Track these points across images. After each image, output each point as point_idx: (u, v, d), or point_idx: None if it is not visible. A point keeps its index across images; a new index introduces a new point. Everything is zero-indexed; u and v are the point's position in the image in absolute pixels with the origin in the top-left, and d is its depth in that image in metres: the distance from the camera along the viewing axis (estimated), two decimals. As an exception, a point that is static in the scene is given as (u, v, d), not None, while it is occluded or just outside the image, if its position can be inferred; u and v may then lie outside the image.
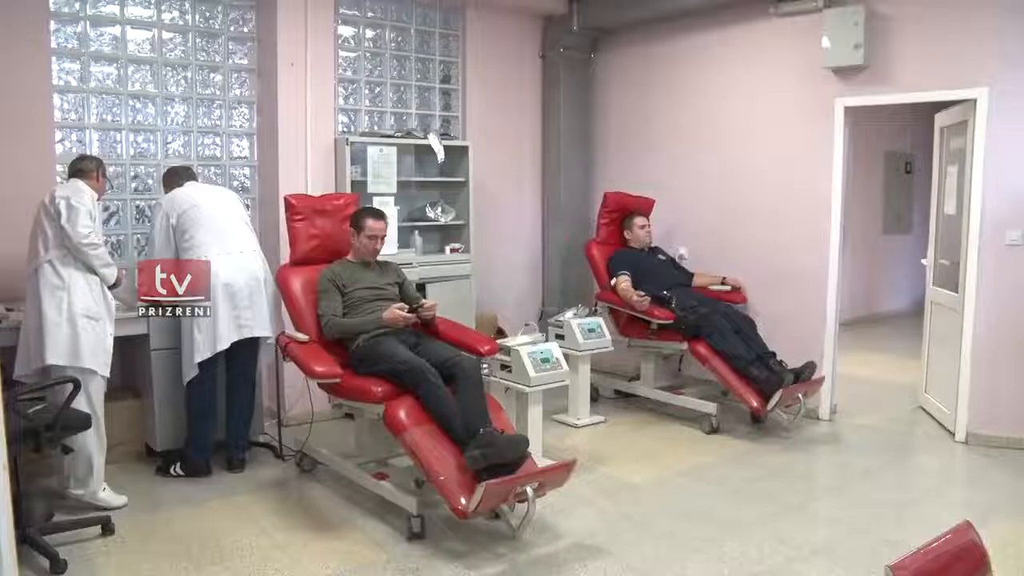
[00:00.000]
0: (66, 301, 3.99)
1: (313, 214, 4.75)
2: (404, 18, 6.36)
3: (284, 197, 4.83)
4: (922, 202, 8.13)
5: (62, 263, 4.02)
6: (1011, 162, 5.13)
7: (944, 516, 3.61)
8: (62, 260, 4.02)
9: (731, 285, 6.18)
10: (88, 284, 4.07)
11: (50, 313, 3.97)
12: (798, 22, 5.82)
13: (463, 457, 3.70)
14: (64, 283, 4.00)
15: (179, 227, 4.56)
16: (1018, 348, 5.20)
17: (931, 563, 2.55)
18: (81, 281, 4.04)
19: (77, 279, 4.03)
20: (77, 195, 4.05)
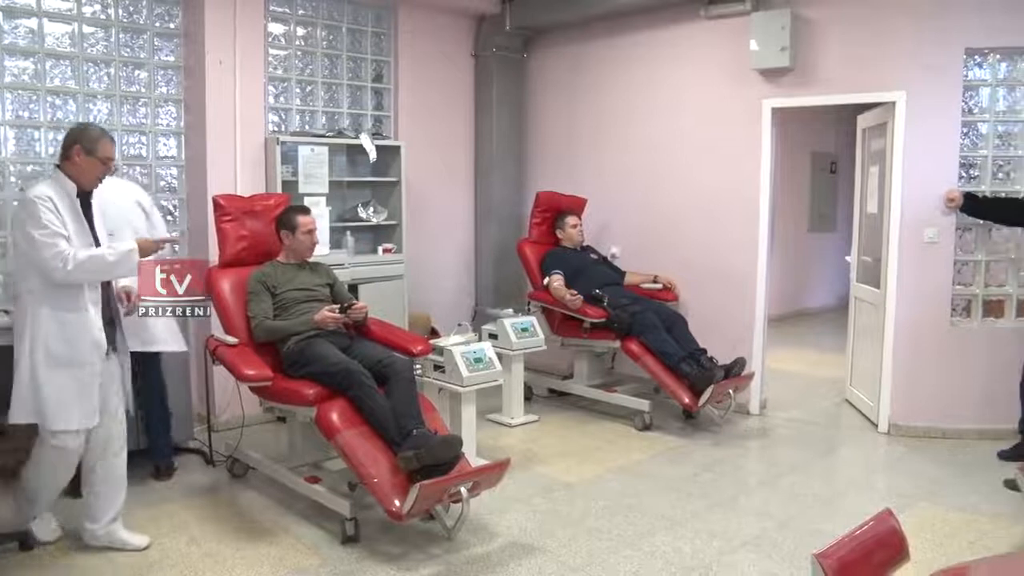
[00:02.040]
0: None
1: (243, 215, 4.66)
2: (335, 16, 6.28)
3: (212, 197, 4.73)
4: (846, 201, 8.36)
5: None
6: (927, 163, 5.30)
7: (867, 505, 3.71)
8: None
9: (663, 283, 6.26)
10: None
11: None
12: (727, 24, 5.92)
13: (397, 459, 3.68)
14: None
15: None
16: (936, 341, 5.38)
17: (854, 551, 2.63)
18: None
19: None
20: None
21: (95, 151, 3.51)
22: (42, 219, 3.35)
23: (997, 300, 5.45)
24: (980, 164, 5.37)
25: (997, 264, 5.44)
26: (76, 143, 3.50)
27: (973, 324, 5.44)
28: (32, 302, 3.45)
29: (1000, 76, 5.34)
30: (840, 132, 10.60)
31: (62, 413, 3.46)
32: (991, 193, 5.32)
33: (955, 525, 4.03)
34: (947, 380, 5.37)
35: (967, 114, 5.33)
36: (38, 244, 3.34)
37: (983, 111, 5.35)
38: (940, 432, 5.40)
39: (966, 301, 5.45)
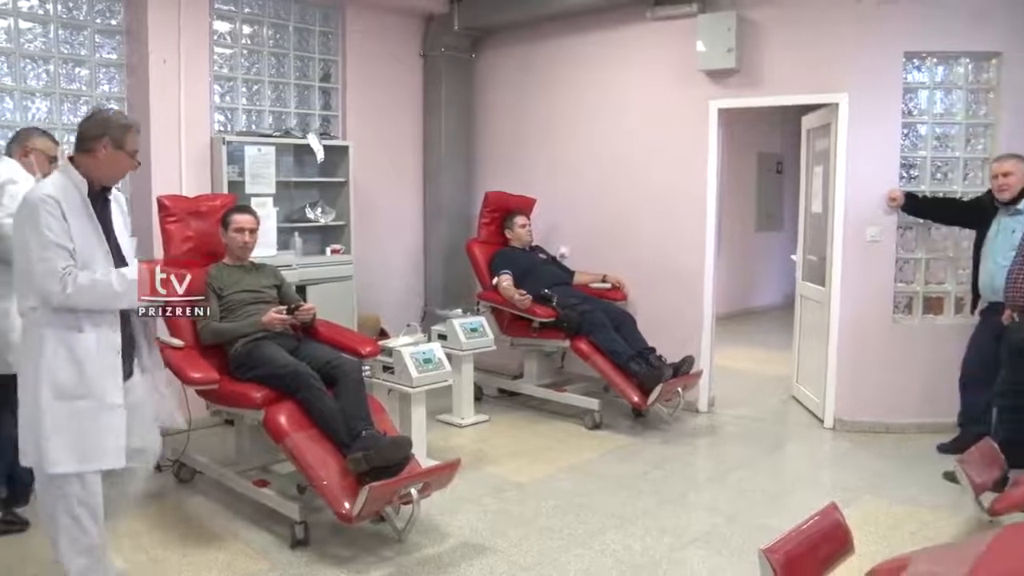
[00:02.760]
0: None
1: (188, 215, 4.59)
2: (282, 15, 6.21)
3: (157, 198, 4.65)
4: (792, 201, 8.47)
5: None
6: (869, 163, 5.41)
7: (813, 500, 3.76)
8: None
9: (611, 283, 6.29)
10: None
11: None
12: (674, 26, 5.97)
13: (346, 461, 3.65)
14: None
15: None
16: (879, 338, 5.49)
17: (800, 545, 2.67)
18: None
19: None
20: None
21: (124, 144, 3.01)
22: (42, 225, 2.81)
23: (937, 297, 5.58)
24: (920, 165, 5.50)
25: (936, 262, 5.58)
26: (104, 134, 2.96)
27: (914, 321, 5.56)
28: (34, 322, 2.91)
29: (937, 79, 5.48)
30: (786, 133, 10.75)
31: (64, 454, 2.89)
32: (930, 193, 5.44)
33: (898, 517, 4.12)
34: (890, 376, 5.48)
35: (907, 116, 5.45)
36: (33, 257, 2.83)
37: (922, 113, 5.48)
38: (884, 427, 5.51)
39: (908, 298, 5.58)
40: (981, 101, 5.48)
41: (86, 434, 2.91)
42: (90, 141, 2.98)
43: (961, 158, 5.49)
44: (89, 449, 2.92)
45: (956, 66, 5.45)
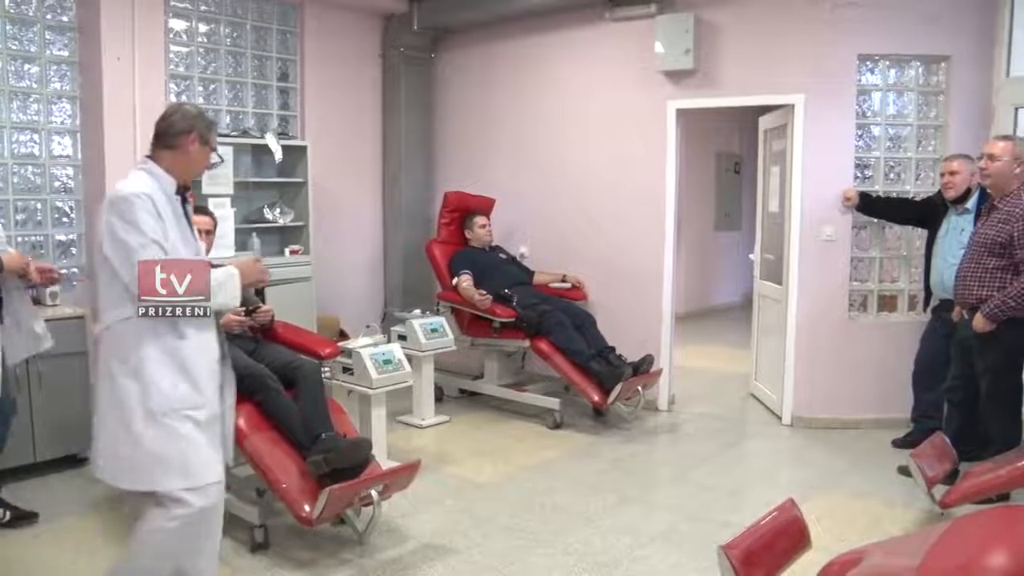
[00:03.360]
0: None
1: (143, 216, 4.51)
2: (239, 13, 6.14)
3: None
4: (750, 200, 8.57)
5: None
6: (825, 163, 5.49)
7: (772, 496, 3.80)
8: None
9: (571, 282, 6.32)
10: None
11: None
12: (632, 27, 6.01)
13: (306, 463, 3.62)
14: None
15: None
16: (835, 336, 5.57)
17: (758, 540, 2.70)
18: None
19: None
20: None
21: (210, 140, 2.90)
22: (139, 222, 2.64)
23: (891, 295, 5.68)
24: (873, 165, 5.59)
25: (890, 261, 5.68)
26: (193, 129, 2.84)
27: (869, 318, 5.66)
28: (130, 332, 2.70)
29: (890, 82, 5.57)
30: (744, 133, 10.88)
31: (192, 468, 2.73)
32: (884, 193, 5.54)
33: (854, 512, 4.19)
34: (846, 373, 5.57)
35: (861, 117, 5.54)
36: (134, 256, 2.62)
37: (875, 114, 5.58)
38: (840, 423, 5.59)
39: (862, 296, 5.67)
40: (932, 103, 5.59)
41: (201, 447, 2.76)
42: (177, 136, 2.84)
43: (913, 159, 5.60)
44: (201, 463, 2.76)
45: (908, 69, 5.55)
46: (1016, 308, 4.02)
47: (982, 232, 4.24)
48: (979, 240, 4.24)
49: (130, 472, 2.73)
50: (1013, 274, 4.06)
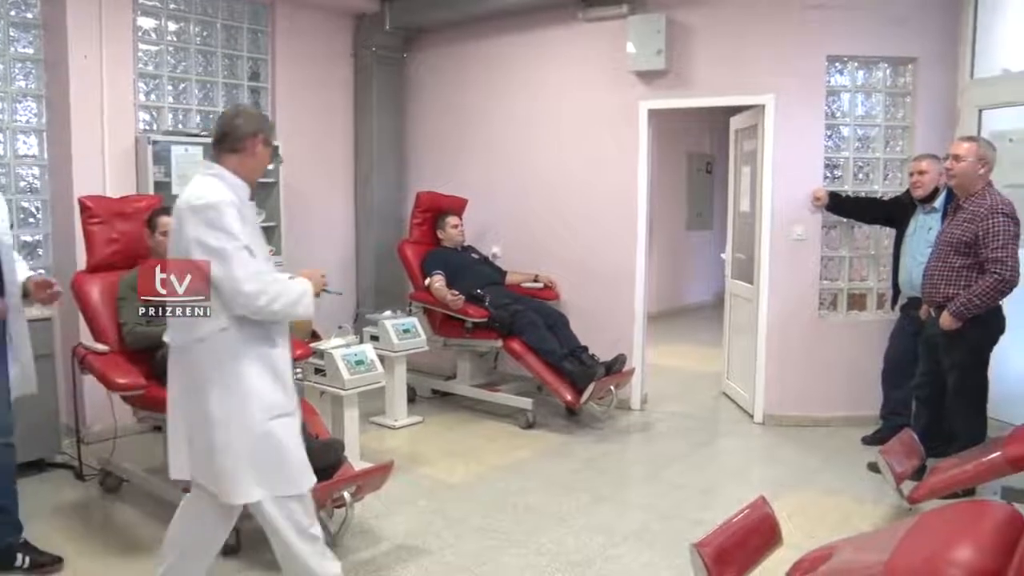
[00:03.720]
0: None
1: (112, 217, 4.45)
2: (209, 12, 6.09)
3: (79, 199, 4.50)
4: (721, 200, 8.63)
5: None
6: (795, 163, 5.54)
7: (744, 493, 3.82)
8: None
9: (544, 282, 6.32)
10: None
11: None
12: (604, 27, 6.03)
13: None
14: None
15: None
16: (805, 334, 5.62)
17: (730, 538, 2.72)
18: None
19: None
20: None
21: (271, 140, 2.90)
22: (229, 227, 2.61)
23: (860, 294, 5.74)
24: (843, 165, 5.65)
25: (859, 260, 5.74)
26: (259, 131, 2.82)
27: (839, 317, 5.71)
28: (228, 342, 2.69)
29: (859, 83, 5.63)
30: (715, 134, 10.95)
31: (296, 474, 2.82)
32: (853, 193, 5.59)
33: (824, 508, 4.23)
34: (816, 371, 5.62)
35: (830, 118, 5.59)
36: (234, 262, 2.61)
37: (844, 115, 5.64)
38: (811, 420, 5.63)
39: (832, 295, 5.72)
40: (899, 104, 5.66)
41: (300, 452, 2.84)
42: (245, 139, 2.81)
43: (881, 159, 5.66)
44: (299, 469, 2.84)
45: (876, 70, 5.62)
46: (981, 306, 4.09)
47: (948, 231, 4.30)
48: (945, 239, 4.30)
49: (234, 484, 2.74)
50: (978, 273, 4.12)
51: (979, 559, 2.23)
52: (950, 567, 2.22)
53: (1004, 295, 4.10)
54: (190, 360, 2.76)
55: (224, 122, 2.86)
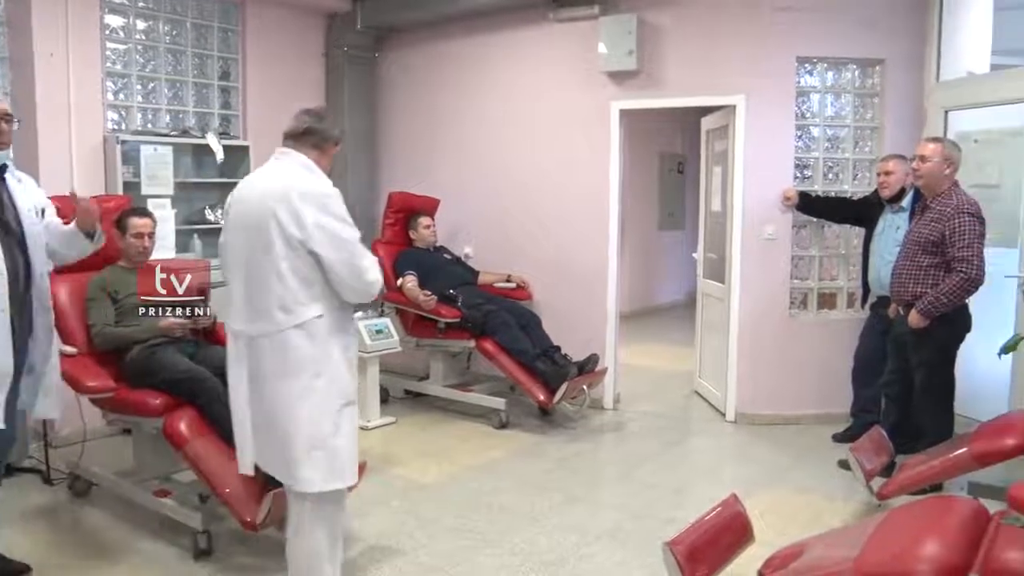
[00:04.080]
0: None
1: (79, 218, 4.40)
2: (179, 10, 6.03)
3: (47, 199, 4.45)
4: (693, 200, 8.68)
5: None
6: (766, 163, 5.58)
7: (716, 492, 3.86)
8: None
9: (516, 282, 6.33)
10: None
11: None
12: (576, 28, 6.04)
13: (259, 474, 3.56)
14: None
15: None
16: (776, 333, 5.67)
17: (703, 536, 2.74)
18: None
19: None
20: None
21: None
22: (346, 216, 2.80)
23: (830, 293, 5.80)
24: (813, 165, 5.70)
25: (829, 259, 5.80)
26: (338, 140, 3.07)
27: (810, 316, 5.77)
28: (323, 329, 2.79)
29: (828, 84, 5.69)
30: (687, 134, 11.01)
31: (351, 464, 2.91)
32: (823, 192, 5.65)
33: (795, 506, 4.26)
34: (787, 369, 5.67)
35: (800, 118, 5.65)
36: (359, 250, 2.79)
37: (814, 116, 5.69)
38: (782, 419, 5.68)
39: (803, 294, 5.78)
40: (868, 105, 5.72)
41: (355, 442, 2.94)
42: (328, 141, 2.99)
43: (850, 159, 5.72)
44: (355, 459, 2.96)
45: (845, 71, 5.68)
46: (948, 305, 4.14)
47: (916, 231, 4.36)
48: (913, 239, 4.36)
49: (329, 473, 2.83)
50: (946, 272, 4.18)
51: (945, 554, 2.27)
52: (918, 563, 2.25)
53: (970, 294, 4.17)
54: (276, 347, 2.80)
55: (313, 118, 3.00)
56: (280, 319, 2.78)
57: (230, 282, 2.97)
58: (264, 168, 3.02)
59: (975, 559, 2.24)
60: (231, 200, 3.03)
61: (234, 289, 2.93)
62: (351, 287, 2.79)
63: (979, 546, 2.32)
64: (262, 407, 2.87)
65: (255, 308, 2.82)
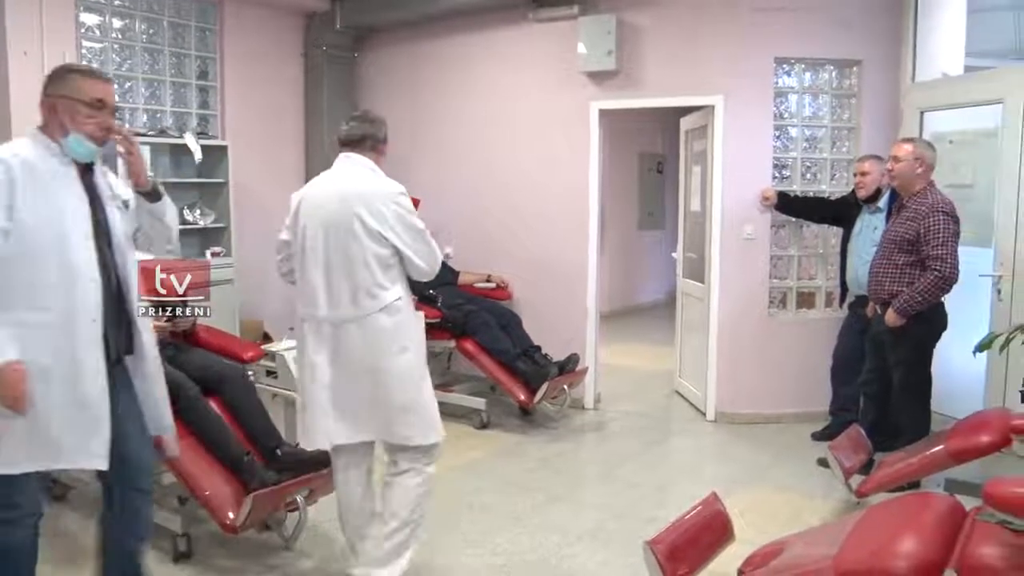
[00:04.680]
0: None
1: (55, 218, 4.36)
2: (155, 9, 6.00)
3: (21, 199, 4.40)
4: (672, 200, 8.69)
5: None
6: (744, 163, 5.61)
7: (696, 491, 3.86)
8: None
9: (496, 282, 6.33)
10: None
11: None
12: (555, 28, 6.05)
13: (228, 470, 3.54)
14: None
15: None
16: (756, 332, 5.70)
17: (683, 535, 2.75)
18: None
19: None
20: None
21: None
22: (415, 212, 3.26)
23: (809, 292, 5.84)
24: (791, 165, 5.74)
25: (808, 259, 5.83)
26: (385, 136, 3.51)
27: (789, 315, 5.80)
28: (404, 309, 3.21)
29: (806, 84, 5.73)
30: (666, 134, 11.03)
31: (437, 424, 3.36)
32: (801, 192, 5.68)
33: (775, 504, 4.29)
34: (767, 368, 5.70)
35: (778, 118, 5.68)
36: (427, 237, 3.23)
37: (792, 116, 5.72)
38: (762, 418, 5.71)
39: (782, 294, 5.81)
40: (845, 105, 5.76)
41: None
42: (383, 143, 3.49)
43: (828, 159, 5.76)
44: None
45: (822, 72, 5.71)
46: (923, 303, 4.18)
47: (892, 230, 4.40)
48: (889, 237, 4.40)
49: (424, 429, 3.24)
50: (921, 270, 4.21)
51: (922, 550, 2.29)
52: (895, 559, 2.27)
53: (945, 292, 4.21)
54: (366, 329, 3.13)
55: (367, 125, 3.45)
56: (367, 304, 3.11)
57: (307, 275, 3.20)
58: (333, 171, 3.37)
59: (951, 555, 2.27)
60: (300, 199, 3.29)
61: (314, 281, 3.17)
62: (421, 269, 3.20)
63: (955, 542, 2.34)
64: (355, 384, 3.16)
65: (340, 296, 3.13)
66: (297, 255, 3.25)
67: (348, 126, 3.41)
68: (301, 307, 3.28)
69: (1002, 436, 3.43)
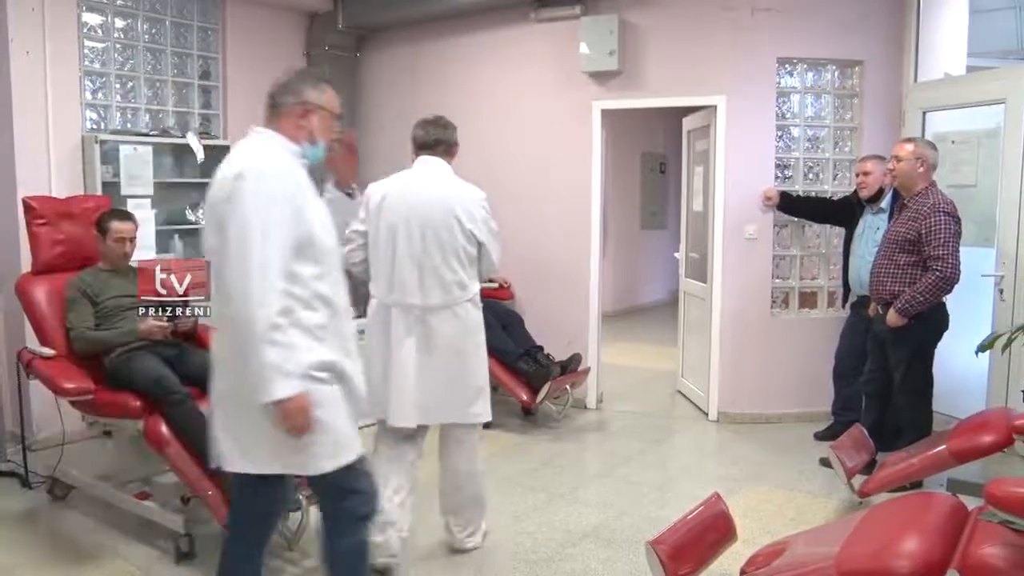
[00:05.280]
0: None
1: (58, 218, 4.35)
2: (158, 8, 5.99)
3: (23, 199, 4.40)
4: (675, 200, 8.71)
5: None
6: (747, 163, 5.61)
7: (699, 490, 3.87)
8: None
9: (498, 283, 6.31)
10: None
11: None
12: (557, 28, 6.05)
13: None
14: None
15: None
16: (758, 332, 5.70)
17: (686, 535, 2.76)
18: None
19: None
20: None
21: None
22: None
23: (811, 292, 5.84)
24: (793, 165, 5.73)
25: (810, 259, 5.83)
26: (456, 140, 3.85)
27: (791, 315, 5.80)
28: (475, 302, 3.58)
29: (808, 84, 5.72)
30: (668, 134, 11.03)
31: (489, 405, 3.71)
32: (803, 192, 5.68)
33: (778, 504, 4.29)
34: (769, 368, 5.70)
35: (781, 119, 5.68)
36: (499, 239, 3.64)
37: (794, 116, 5.72)
38: (764, 417, 5.72)
39: (784, 293, 5.81)
40: (847, 106, 5.76)
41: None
42: (456, 146, 3.87)
43: (830, 159, 5.76)
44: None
45: (824, 72, 5.71)
46: (924, 303, 4.18)
47: (894, 230, 4.41)
48: (891, 237, 4.40)
49: (488, 408, 3.67)
50: (922, 270, 4.22)
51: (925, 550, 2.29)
52: (898, 559, 2.28)
53: (946, 292, 4.21)
54: (457, 316, 3.49)
55: (439, 130, 3.84)
56: (458, 294, 3.48)
57: (397, 266, 3.47)
58: (414, 172, 3.80)
59: (954, 555, 2.27)
60: (383, 195, 3.68)
61: (405, 271, 3.45)
62: (493, 263, 3.61)
63: (958, 542, 2.34)
64: (441, 365, 3.47)
65: (431, 286, 3.45)
66: (379, 247, 3.50)
67: (424, 131, 3.79)
68: (383, 295, 3.49)
69: (1004, 436, 3.44)
